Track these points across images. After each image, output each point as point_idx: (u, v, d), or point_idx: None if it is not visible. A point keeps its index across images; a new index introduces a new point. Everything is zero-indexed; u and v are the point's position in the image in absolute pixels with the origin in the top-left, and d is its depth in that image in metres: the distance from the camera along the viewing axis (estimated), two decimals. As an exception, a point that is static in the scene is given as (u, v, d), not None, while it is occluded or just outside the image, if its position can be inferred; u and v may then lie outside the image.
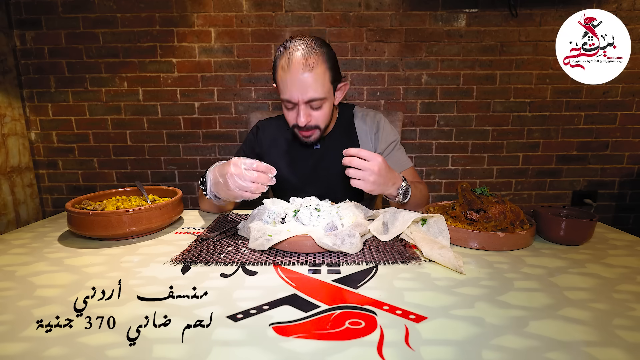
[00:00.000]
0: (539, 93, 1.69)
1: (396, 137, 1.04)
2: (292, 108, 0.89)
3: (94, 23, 1.63)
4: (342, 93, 0.97)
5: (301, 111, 0.87)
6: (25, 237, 0.77)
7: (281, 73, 0.85)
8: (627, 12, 1.59)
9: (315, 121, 0.90)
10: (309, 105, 0.87)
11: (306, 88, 0.84)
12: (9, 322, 0.44)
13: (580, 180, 1.79)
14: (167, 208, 0.78)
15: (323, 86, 0.86)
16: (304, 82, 0.83)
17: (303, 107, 0.87)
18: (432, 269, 0.59)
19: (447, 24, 1.63)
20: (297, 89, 0.84)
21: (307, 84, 0.83)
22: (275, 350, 0.38)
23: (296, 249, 0.66)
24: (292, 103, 0.87)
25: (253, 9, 1.62)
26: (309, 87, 0.84)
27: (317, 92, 0.85)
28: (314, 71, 0.83)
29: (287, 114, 0.92)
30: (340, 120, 1.04)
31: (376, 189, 0.76)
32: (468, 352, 0.38)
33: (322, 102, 0.88)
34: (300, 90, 0.84)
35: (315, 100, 0.86)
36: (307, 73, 0.83)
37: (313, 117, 0.89)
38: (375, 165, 0.74)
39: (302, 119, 0.87)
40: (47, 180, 1.80)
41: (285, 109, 0.91)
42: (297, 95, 0.85)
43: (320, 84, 0.85)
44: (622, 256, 0.65)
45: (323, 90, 0.86)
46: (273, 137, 1.05)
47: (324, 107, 0.89)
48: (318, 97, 0.86)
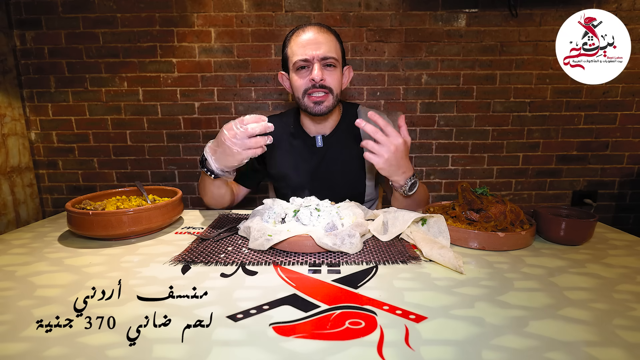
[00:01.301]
0: (539, 93, 1.69)
1: None
2: (306, 68, 0.92)
3: (94, 23, 1.63)
4: (347, 79, 1.01)
5: (316, 68, 0.90)
6: (25, 237, 0.77)
7: (295, 38, 0.92)
8: (627, 12, 1.59)
9: (328, 82, 0.92)
10: (323, 63, 0.91)
11: (321, 45, 0.89)
12: (9, 322, 0.44)
13: (580, 180, 1.79)
14: (167, 208, 0.78)
15: (336, 50, 0.92)
16: (319, 40, 0.90)
17: (318, 65, 0.90)
18: (432, 269, 0.59)
19: (447, 24, 1.63)
20: (312, 47, 0.89)
21: (322, 42, 0.90)
22: (275, 350, 0.38)
23: (296, 249, 0.66)
24: (307, 62, 0.90)
25: (253, 9, 1.62)
26: (324, 44, 0.90)
27: (331, 51, 0.90)
28: (327, 34, 0.92)
29: (299, 79, 0.93)
30: (344, 118, 1.05)
31: (386, 169, 0.76)
32: (468, 352, 0.38)
33: (334, 62, 0.92)
34: (315, 47, 0.89)
35: (329, 58, 0.90)
36: (321, 34, 0.91)
37: (326, 77, 0.91)
38: (392, 144, 0.74)
39: (317, 73, 0.89)
40: (47, 180, 1.80)
41: (297, 74, 0.93)
42: (312, 52, 0.89)
43: (334, 46, 0.92)
44: (622, 256, 0.65)
45: (336, 53, 0.92)
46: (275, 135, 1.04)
47: (336, 70, 0.93)
48: (331, 55, 0.90)
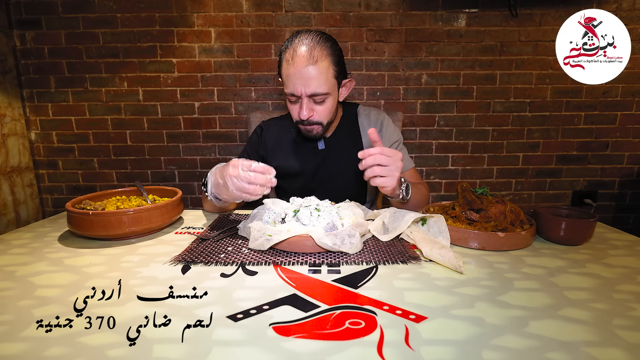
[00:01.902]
0: (539, 93, 1.69)
1: (399, 137, 1.04)
2: (296, 102, 0.89)
3: (94, 23, 1.63)
4: (347, 90, 0.96)
5: (304, 105, 0.87)
6: (25, 237, 0.77)
7: (285, 66, 0.85)
8: (627, 12, 1.59)
9: (318, 117, 0.90)
10: (312, 99, 0.87)
11: (309, 81, 0.84)
12: (9, 322, 0.44)
13: (580, 180, 1.79)
14: (167, 208, 0.78)
15: (327, 81, 0.86)
16: (307, 76, 0.83)
17: (306, 101, 0.87)
18: (432, 269, 0.59)
19: (447, 24, 1.63)
20: (300, 83, 0.84)
21: (311, 77, 0.83)
22: (275, 350, 0.38)
23: (296, 249, 0.66)
24: (295, 96, 0.87)
25: (253, 9, 1.62)
26: (312, 80, 0.84)
27: (320, 87, 0.85)
28: (317, 65, 0.83)
29: (291, 108, 0.92)
30: (344, 118, 1.04)
31: (395, 185, 0.74)
32: (468, 352, 0.38)
33: (325, 97, 0.87)
34: (303, 83, 0.84)
35: (318, 95, 0.86)
36: (310, 66, 0.83)
37: (316, 111, 0.89)
38: (398, 161, 0.72)
39: (305, 113, 0.87)
40: (47, 180, 1.80)
41: (289, 102, 0.91)
42: (300, 89, 0.85)
43: (324, 79, 0.85)
44: (622, 256, 0.65)
45: (327, 85, 0.86)
46: (277, 137, 1.05)
47: (327, 102, 0.89)
48: (321, 91, 0.85)
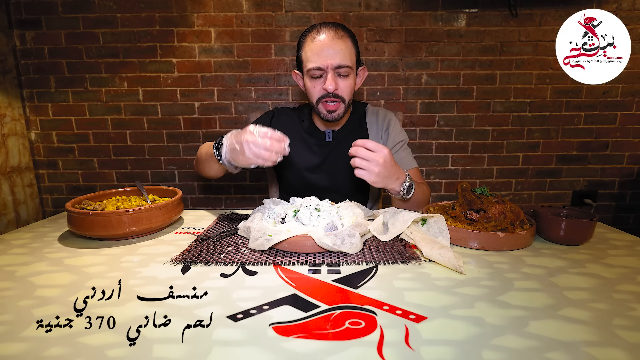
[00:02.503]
0: (539, 93, 1.69)
1: (405, 137, 1.06)
2: (320, 76, 0.91)
3: (94, 23, 1.62)
4: (362, 79, 1.00)
5: (329, 77, 0.89)
6: (25, 237, 0.77)
7: (310, 43, 0.90)
8: (627, 12, 1.59)
9: (341, 92, 0.92)
10: (337, 72, 0.90)
11: (336, 54, 0.88)
12: (9, 322, 0.44)
13: (580, 180, 1.79)
14: (167, 208, 0.78)
15: (350, 56, 0.91)
16: (334, 48, 0.88)
17: (331, 74, 0.89)
18: (432, 269, 0.59)
19: (447, 24, 1.63)
20: (327, 54, 0.88)
21: (337, 50, 0.88)
22: (275, 350, 0.38)
23: (296, 249, 0.66)
24: (320, 70, 0.89)
25: (253, 9, 1.61)
26: (338, 53, 0.88)
27: (345, 59, 0.89)
28: (342, 40, 0.89)
29: (313, 87, 0.93)
30: (353, 115, 1.07)
31: (379, 182, 0.76)
32: (468, 352, 0.38)
33: (349, 70, 0.90)
34: (330, 55, 0.88)
35: (343, 67, 0.89)
36: (337, 40, 0.88)
37: (340, 86, 0.91)
38: (380, 157, 0.74)
39: (331, 84, 0.89)
40: (47, 180, 1.80)
41: (310, 81, 0.93)
42: (327, 61, 0.88)
43: (349, 53, 0.90)
44: (622, 256, 0.65)
45: (351, 60, 0.90)
46: (287, 126, 1.06)
47: (350, 78, 0.92)
48: (346, 64, 0.89)
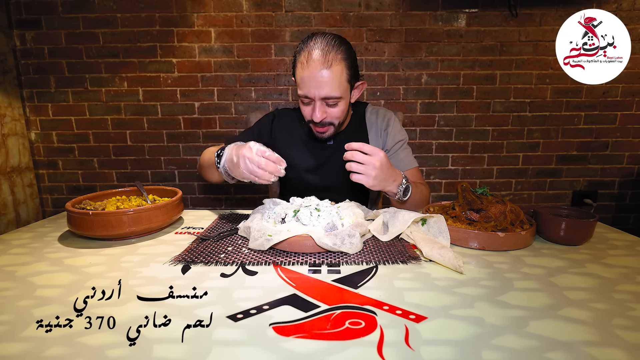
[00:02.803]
0: (539, 93, 1.69)
1: (404, 136, 1.06)
2: (309, 104, 0.91)
3: (94, 23, 1.62)
4: (359, 92, 0.99)
5: (317, 107, 0.88)
6: (25, 237, 0.77)
7: (300, 68, 0.87)
8: (627, 12, 1.59)
9: (331, 118, 0.92)
10: (325, 102, 0.89)
11: (322, 85, 0.85)
12: (9, 322, 0.44)
13: (580, 180, 1.79)
14: (167, 208, 0.78)
15: (340, 85, 0.87)
16: (320, 80, 0.85)
17: (319, 104, 0.88)
18: (432, 269, 0.59)
19: (447, 24, 1.63)
20: (313, 86, 0.86)
21: (324, 81, 0.85)
22: (275, 350, 0.38)
23: (296, 249, 0.66)
24: (308, 98, 0.89)
25: (253, 9, 1.61)
26: (326, 84, 0.85)
27: (333, 90, 0.86)
28: (331, 69, 0.84)
29: (304, 109, 0.93)
30: (354, 117, 1.07)
31: (377, 185, 0.77)
32: (468, 352, 0.38)
33: (337, 100, 0.89)
34: (316, 87, 0.85)
35: (331, 99, 0.88)
36: (324, 70, 0.84)
37: (328, 113, 0.91)
38: (377, 160, 0.74)
39: (318, 115, 0.89)
40: (47, 180, 1.80)
41: (302, 104, 0.93)
42: (314, 92, 0.86)
43: (337, 83, 0.86)
44: (622, 256, 0.65)
45: (340, 89, 0.87)
46: (288, 128, 1.07)
47: (340, 105, 0.91)
48: (334, 95, 0.87)
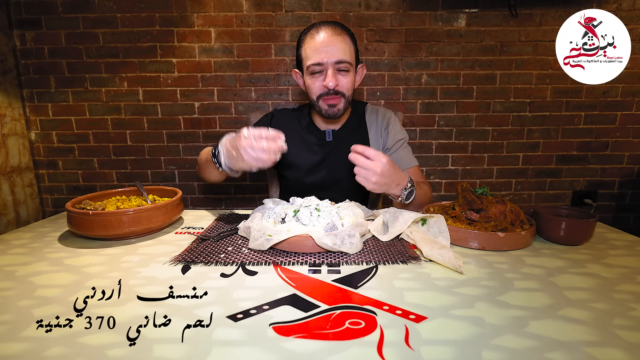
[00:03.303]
0: (539, 93, 1.69)
1: (404, 135, 1.06)
2: (320, 73, 0.92)
3: (94, 23, 1.62)
4: (360, 77, 1.01)
5: (329, 73, 0.90)
6: (25, 237, 0.77)
7: (309, 40, 0.91)
8: (627, 12, 1.59)
9: (342, 87, 0.93)
10: (337, 67, 0.91)
11: (336, 49, 0.89)
12: (9, 322, 0.44)
13: (580, 180, 1.79)
14: (167, 208, 0.78)
15: (350, 52, 0.92)
16: (333, 44, 0.89)
17: (331, 70, 0.90)
18: (432, 269, 0.59)
19: (447, 24, 1.63)
20: (327, 50, 0.89)
21: (337, 46, 0.89)
22: (275, 350, 0.38)
23: (296, 249, 0.66)
24: (320, 66, 0.90)
25: (253, 9, 1.61)
26: (338, 49, 0.89)
27: (345, 55, 0.90)
28: (342, 37, 0.90)
29: (313, 84, 0.94)
30: (353, 115, 1.07)
31: (377, 189, 0.78)
32: (468, 352, 0.38)
33: (348, 66, 0.91)
34: (330, 51, 0.89)
35: (343, 63, 0.90)
36: (336, 36, 0.90)
37: (340, 82, 0.92)
38: (378, 167, 0.75)
39: (332, 80, 0.90)
40: (47, 180, 1.80)
41: (311, 79, 0.94)
42: (327, 57, 0.89)
43: (348, 49, 0.91)
44: (622, 256, 0.65)
45: (350, 56, 0.91)
46: (287, 126, 1.07)
47: (349, 74, 0.93)
48: (346, 59, 0.90)
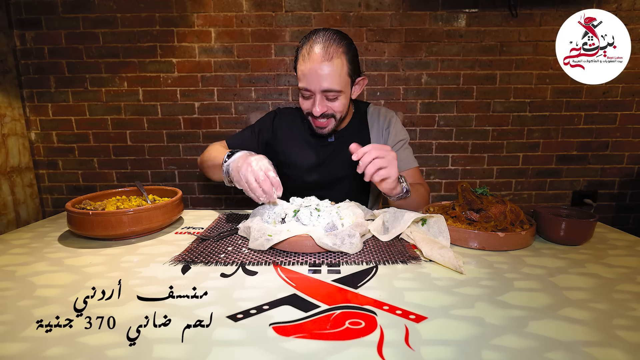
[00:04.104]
0: (539, 93, 1.69)
1: (406, 136, 1.06)
2: (309, 97, 0.92)
3: (94, 23, 1.62)
4: (360, 88, 0.99)
5: (317, 101, 0.89)
6: (25, 237, 0.77)
7: (301, 62, 0.88)
8: (627, 12, 1.59)
9: (331, 110, 0.92)
10: (325, 95, 0.89)
11: (323, 78, 0.86)
12: (9, 322, 0.44)
13: (580, 180, 1.79)
14: (167, 208, 0.78)
15: (340, 78, 0.88)
16: (321, 73, 0.86)
17: (319, 97, 0.89)
18: (432, 269, 0.59)
19: (447, 24, 1.63)
20: (314, 79, 0.86)
21: (325, 74, 0.86)
22: (275, 350, 0.38)
23: (296, 249, 0.66)
24: (309, 92, 0.90)
25: (253, 9, 1.61)
26: (326, 77, 0.86)
27: (333, 84, 0.87)
28: (332, 62, 0.85)
29: (303, 103, 0.94)
30: (355, 115, 1.07)
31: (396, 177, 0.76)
32: (468, 352, 0.38)
33: (337, 94, 0.90)
34: (317, 80, 0.86)
35: (331, 92, 0.88)
36: (325, 63, 0.85)
37: (329, 107, 0.92)
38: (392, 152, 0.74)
39: (318, 109, 0.89)
40: (47, 180, 1.80)
41: (302, 97, 0.94)
42: (314, 85, 0.87)
43: (337, 76, 0.87)
44: (622, 256, 0.65)
45: (340, 82, 0.88)
46: (289, 125, 1.07)
47: (340, 99, 0.91)
48: (334, 88, 0.88)
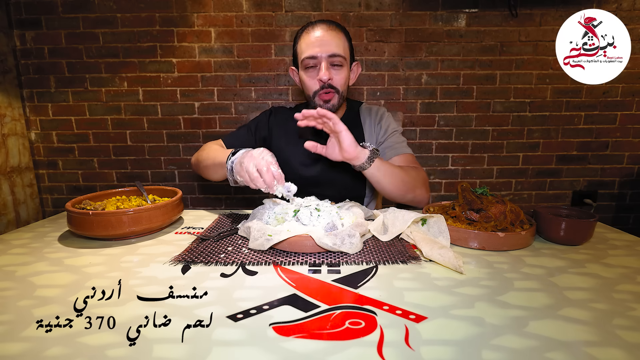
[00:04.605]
0: (539, 93, 1.69)
1: (398, 127, 1.07)
2: (314, 67, 0.94)
3: (94, 23, 1.62)
4: (355, 75, 1.02)
5: (323, 67, 0.92)
6: (25, 237, 0.77)
7: (305, 36, 0.94)
8: (627, 12, 1.59)
9: (335, 82, 0.94)
10: (331, 61, 0.92)
11: (329, 43, 0.91)
12: (9, 322, 0.44)
13: (580, 180, 1.79)
14: (167, 208, 0.78)
15: (344, 47, 0.94)
16: (327, 38, 0.91)
17: (325, 64, 0.92)
18: (432, 269, 0.59)
19: (447, 24, 1.63)
20: (320, 44, 0.91)
21: (330, 40, 0.92)
22: (275, 350, 0.38)
23: (296, 249, 0.66)
24: (314, 59, 0.92)
25: (253, 9, 1.61)
26: (331, 42, 0.91)
27: (338, 48, 0.92)
28: (336, 32, 0.93)
29: (308, 79, 0.95)
30: (348, 113, 1.09)
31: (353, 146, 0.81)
32: (468, 352, 0.38)
33: (342, 60, 0.93)
34: (324, 45, 0.91)
35: (336, 57, 0.92)
36: (330, 31, 0.92)
37: (333, 77, 0.94)
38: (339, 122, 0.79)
39: (325, 74, 0.91)
40: (47, 180, 1.80)
41: (305, 74, 0.95)
42: (321, 50, 0.91)
43: (342, 44, 0.93)
44: (622, 256, 0.65)
45: (344, 50, 0.93)
46: (285, 122, 1.09)
47: (343, 69, 0.95)
48: (339, 53, 0.92)
